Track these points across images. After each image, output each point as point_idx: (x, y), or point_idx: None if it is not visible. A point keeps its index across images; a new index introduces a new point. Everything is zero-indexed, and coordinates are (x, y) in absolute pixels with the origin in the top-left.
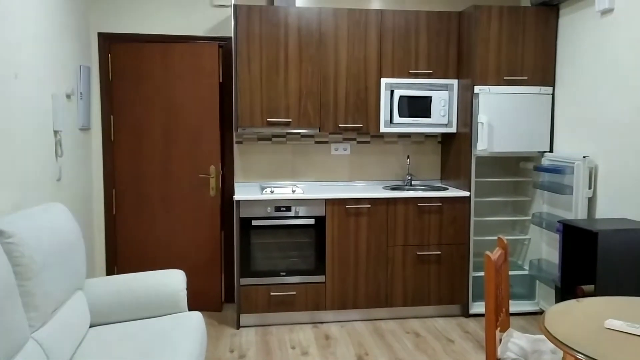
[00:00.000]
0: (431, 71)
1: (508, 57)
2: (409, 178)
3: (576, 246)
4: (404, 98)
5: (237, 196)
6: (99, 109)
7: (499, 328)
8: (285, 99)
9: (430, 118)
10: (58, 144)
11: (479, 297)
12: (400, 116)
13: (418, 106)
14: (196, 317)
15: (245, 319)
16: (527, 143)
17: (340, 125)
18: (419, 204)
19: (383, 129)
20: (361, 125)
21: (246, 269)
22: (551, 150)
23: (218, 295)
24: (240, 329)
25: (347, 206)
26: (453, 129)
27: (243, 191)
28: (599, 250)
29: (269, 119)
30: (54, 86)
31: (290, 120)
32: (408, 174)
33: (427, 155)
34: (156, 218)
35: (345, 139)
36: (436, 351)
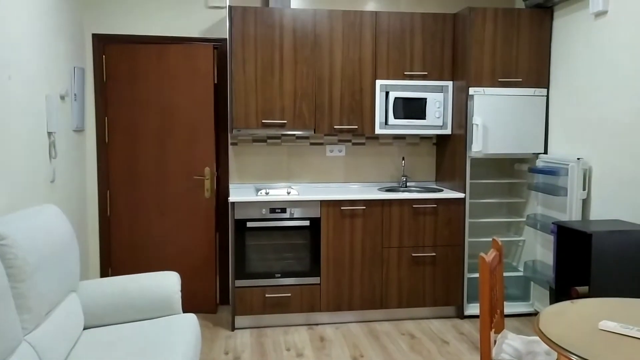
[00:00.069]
0: (426, 73)
1: (502, 59)
2: (404, 179)
3: (570, 248)
4: (399, 100)
5: (232, 198)
6: (93, 110)
7: (493, 329)
8: (280, 101)
9: (425, 120)
10: (52, 145)
11: (474, 299)
12: (395, 118)
13: (413, 108)
14: (190, 319)
15: (240, 320)
16: (522, 145)
17: (335, 126)
18: (414, 206)
19: (378, 130)
20: (356, 126)
21: (241, 270)
22: (545, 152)
23: (213, 297)
24: (235, 330)
25: (342, 208)
26: (448, 131)
27: (238, 193)
28: (593, 252)
29: (264, 121)
30: (47, 87)
31: (285, 121)
32: (403, 176)
33: (422, 157)
34: (151, 220)
35: (340, 141)
36: (431, 352)
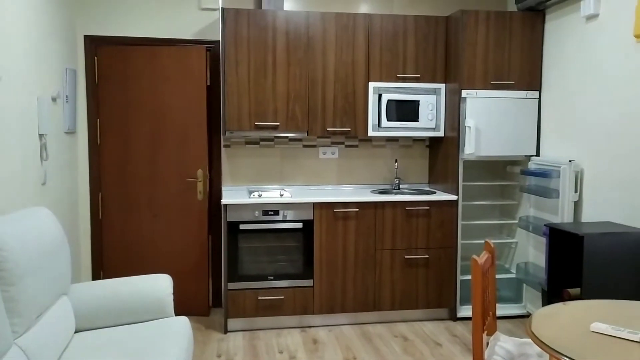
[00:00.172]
0: (419, 75)
1: (495, 62)
2: (397, 182)
3: (562, 249)
4: (392, 102)
5: (225, 200)
6: (85, 112)
7: (486, 332)
8: (273, 103)
9: (418, 122)
10: (43, 147)
11: (467, 301)
12: (388, 120)
13: (406, 110)
14: (182, 322)
15: (233, 323)
16: (514, 147)
17: (328, 129)
18: (407, 208)
19: (371, 132)
20: (349, 129)
21: (234, 273)
22: (538, 154)
23: (205, 299)
24: (228, 333)
25: (335, 210)
26: (441, 133)
27: (231, 195)
28: (585, 254)
29: (256, 123)
30: (39, 89)
31: (278, 123)
32: (396, 178)
33: (415, 159)
34: (143, 222)
35: (333, 143)
36: (424, 355)
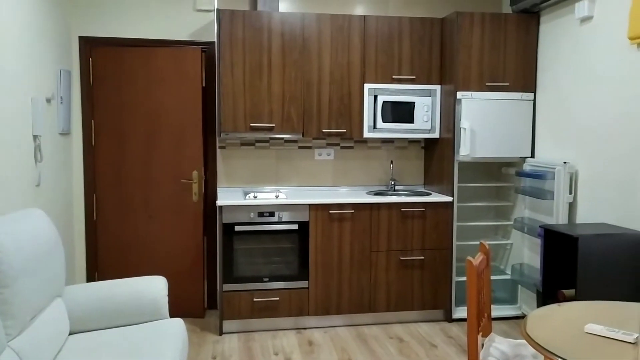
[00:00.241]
0: (414, 77)
1: (490, 63)
2: (393, 183)
3: (557, 251)
4: (387, 103)
5: (220, 201)
6: (80, 113)
7: (481, 333)
8: (269, 104)
9: (413, 123)
10: (37, 148)
11: (462, 302)
12: (384, 121)
13: (401, 112)
14: (177, 324)
15: (228, 325)
16: (509, 148)
17: (323, 130)
18: (402, 209)
19: (366, 134)
20: (345, 130)
21: (229, 274)
22: (532, 156)
23: (200, 301)
24: (223, 335)
25: (331, 211)
26: (436, 135)
27: (226, 196)
28: (579, 255)
29: (252, 124)
30: (33, 90)
31: (273, 125)
32: (391, 179)
33: (411, 161)
34: (138, 224)
35: (328, 144)
36: (419, 356)
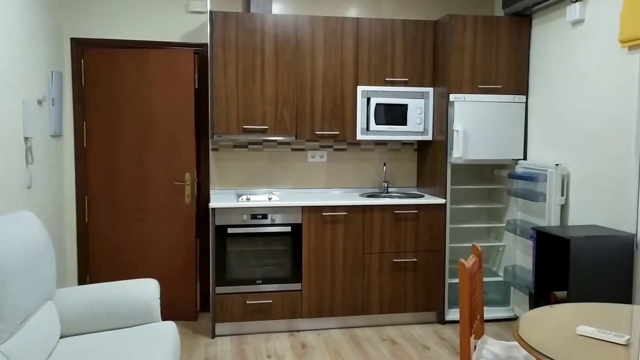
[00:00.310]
0: (407, 79)
1: (482, 66)
2: (386, 185)
3: (549, 253)
4: (381, 106)
5: (213, 204)
6: (71, 115)
7: (473, 335)
8: (262, 106)
9: (406, 126)
10: (29, 150)
11: (455, 304)
12: (377, 124)
13: (394, 114)
14: (169, 327)
15: (221, 328)
16: (502, 151)
17: (316, 132)
18: (395, 211)
19: (359, 136)
20: (338, 132)
21: (222, 277)
22: (525, 158)
23: (193, 304)
24: (216, 338)
25: (324, 213)
26: (429, 137)
27: (219, 199)
28: (571, 257)
29: (245, 126)
30: (24, 92)
31: (266, 127)
32: (384, 182)
33: (404, 163)
34: (130, 226)
35: (321, 146)
36: (412, 358)
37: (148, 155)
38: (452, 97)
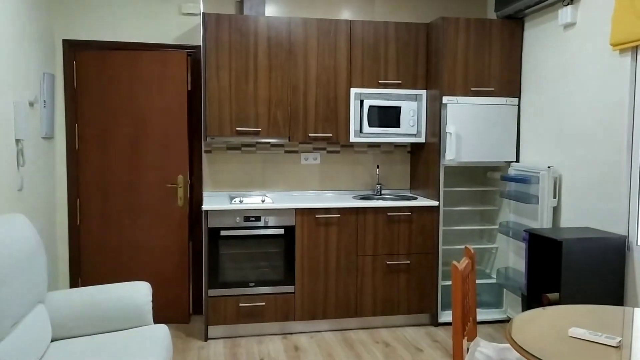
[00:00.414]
0: (400, 81)
1: (475, 69)
2: (379, 187)
3: (542, 255)
4: (374, 108)
5: (206, 206)
6: (63, 117)
7: (466, 337)
8: (255, 108)
9: (399, 128)
10: (20, 152)
11: (448, 306)
12: (370, 126)
13: (387, 116)
14: (162, 330)
15: (214, 330)
16: (494, 153)
17: (310, 134)
18: (389, 214)
19: (353, 138)
20: (331, 134)
21: (214, 279)
22: (517, 160)
23: (186, 306)
24: (208, 341)
25: (317, 216)
26: (422, 139)
27: (212, 201)
28: (563, 259)
29: (238, 128)
30: (16, 94)
31: (259, 129)
32: (378, 184)
33: (397, 165)
34: (122, 228)
35: (315, 149)
36: None
37: (140, 157)
38: (445, 100)
